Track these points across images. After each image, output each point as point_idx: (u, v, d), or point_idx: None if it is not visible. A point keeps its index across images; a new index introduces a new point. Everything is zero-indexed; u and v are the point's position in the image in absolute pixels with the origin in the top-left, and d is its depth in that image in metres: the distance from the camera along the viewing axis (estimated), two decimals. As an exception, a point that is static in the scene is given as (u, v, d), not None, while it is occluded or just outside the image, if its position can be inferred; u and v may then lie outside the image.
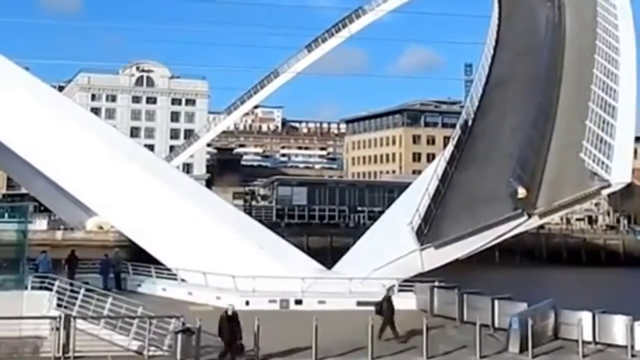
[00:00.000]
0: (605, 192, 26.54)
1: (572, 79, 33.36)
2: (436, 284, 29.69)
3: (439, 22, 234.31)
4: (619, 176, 25.65)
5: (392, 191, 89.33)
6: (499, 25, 43.43)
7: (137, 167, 34.46)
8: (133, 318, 21.99)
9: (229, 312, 20.77)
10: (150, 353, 21.07)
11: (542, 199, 27.65)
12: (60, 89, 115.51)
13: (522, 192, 26.86)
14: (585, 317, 23.54)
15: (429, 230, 30.46)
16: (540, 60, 35.43)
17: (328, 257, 40.42)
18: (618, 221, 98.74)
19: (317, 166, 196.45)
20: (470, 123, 36.62)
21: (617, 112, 27.71)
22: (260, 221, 44.23)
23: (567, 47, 36.26)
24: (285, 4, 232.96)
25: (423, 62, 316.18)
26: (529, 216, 27.54)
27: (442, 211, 31.31)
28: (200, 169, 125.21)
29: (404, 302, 30.06)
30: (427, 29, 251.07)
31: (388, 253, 30.89)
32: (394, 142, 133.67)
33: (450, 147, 35.65)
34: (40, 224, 73.36)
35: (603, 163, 25.90)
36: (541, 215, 27.84)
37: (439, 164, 34.37)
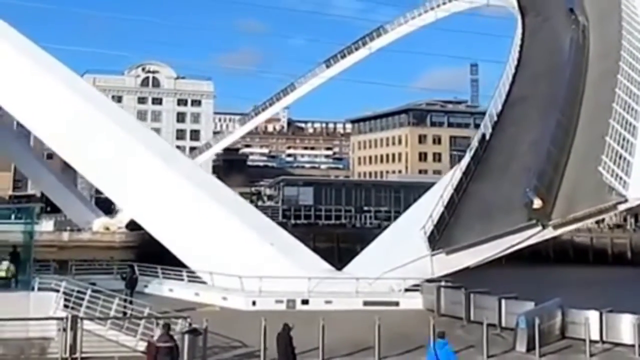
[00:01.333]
0: (621, 207, 26.41)
1: (593, 98, 33.39)
2: (443, 283, 29.68)
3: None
4: (637, 192, 25.56)
5: (398, 191, 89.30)
6: (521, 46, 44.12)
7: (160, 162, 34.35)
8: (140, 319, 22.04)
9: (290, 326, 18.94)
10: (157, 354, 21.07)
11: (557, 210, 27.63)
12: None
13: (537, 202, 26.77)
14: (592, 316, 23.53)
15: (441, 237, 30.60)
16: (562, 80, 35.64)
17: (335, 257, 40.40)
18: (625, 220, 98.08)
19: (323, 166, 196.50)
20: (488, 137, 36.91)
21: (637, 132, 27.66)
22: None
23: (589, 68, 36.41)
24: (300, 8, 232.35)
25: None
26: (544, 227, 27.54)
27: (456, 219, 31.48)
28: (206, 170, 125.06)
29: (411, 302, 30.16)
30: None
31: (399, 257, 30.91)
32: (399, 142, 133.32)
33: (467, 158, 36.02)
34: (46, 225, 72.96)
35: (621, 178, 25.85)
36: (556, 227, 27.77)
37: (455, 175, 34.71)
